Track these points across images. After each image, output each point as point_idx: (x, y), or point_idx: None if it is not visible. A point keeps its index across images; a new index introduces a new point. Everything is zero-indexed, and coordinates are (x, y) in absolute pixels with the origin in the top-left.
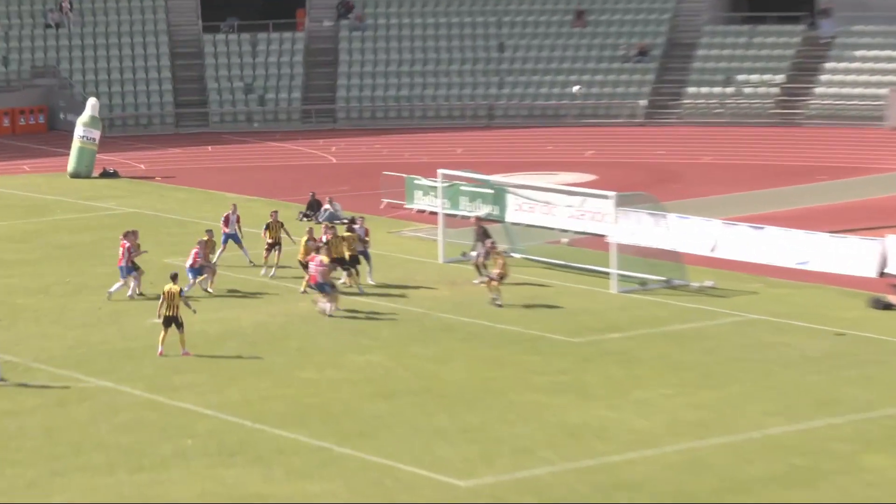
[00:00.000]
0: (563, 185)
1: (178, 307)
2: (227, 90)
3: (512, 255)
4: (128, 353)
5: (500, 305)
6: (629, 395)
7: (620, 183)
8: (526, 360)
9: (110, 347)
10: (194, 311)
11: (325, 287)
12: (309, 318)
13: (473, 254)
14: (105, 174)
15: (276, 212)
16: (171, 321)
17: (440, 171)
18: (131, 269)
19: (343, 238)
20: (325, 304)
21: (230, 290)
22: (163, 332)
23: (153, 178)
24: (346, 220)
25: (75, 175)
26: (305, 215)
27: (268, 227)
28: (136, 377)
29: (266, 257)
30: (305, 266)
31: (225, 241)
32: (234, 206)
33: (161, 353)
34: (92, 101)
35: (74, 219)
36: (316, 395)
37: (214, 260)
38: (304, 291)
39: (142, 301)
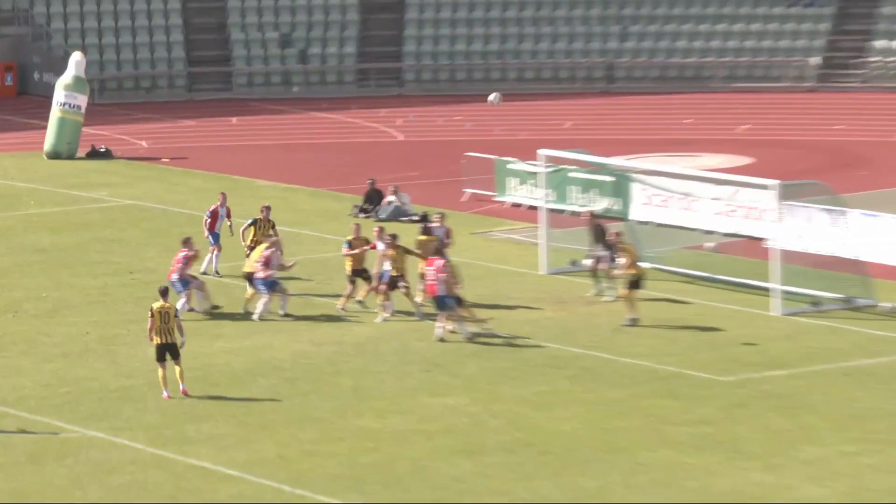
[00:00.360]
0: (708, 170)
1: (172, 331)
2: (257, 43)
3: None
4: (125, 394)
5: (633, 321)
6: (796, 452)
7: (784, 168)
8: (658, 406)
9: (101, 385)
10: (181, 344)
11: (447, 302)
12: (366, 348)
13: (588, 262)
14: (94, 154)
15: (267, 207)
16: (166, 350)
17: (542, 152)
18: (187, 281)
19: (421, 243)
20: (442, 326)
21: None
22: (161, 370)
23: (158, 159)
24: (416, 217)
25: (54, 155)
26: (362, 210)
27: (254, 223)
28: (136, 425)
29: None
30: (355, 278)
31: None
32: (224, 195)
33: (168, 397)
34: (76, 57)
35: (53, 213)
36: (376, 451)
37: (202, 269)
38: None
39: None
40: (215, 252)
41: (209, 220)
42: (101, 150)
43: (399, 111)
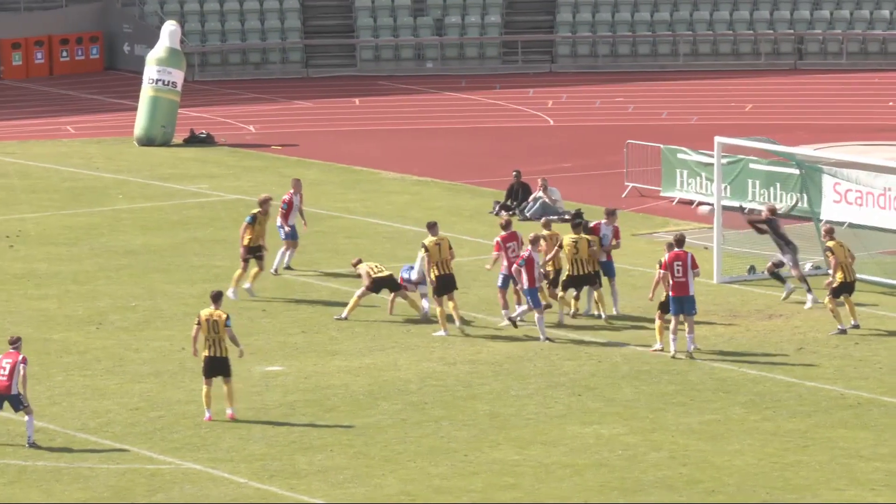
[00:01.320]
0: None
1: (223, 343)
2: (386, 10)
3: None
4: (225, 419)
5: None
6: None
7: None
8: (847, 438)
9: (198, 410)
10: (241, 354)
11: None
12: (505, 368)
13: (786, 259)
14: (193, 139)
15: (268, 199)
16: (216, 366)
17: (718, 140)
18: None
19: (587, 241)
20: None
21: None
22: (205, 387)
23: (269, 146)
24: (567, 216)
25: (147, 141)
26: (504, 207)
27: (254, 220)
28: (238, 456)
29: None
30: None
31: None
32: (298, 182)
33: (210, 419)
34: (171, 27)
35: (145, 210)
36: (516, 488)
37: (273, 268)
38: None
39: (266, 333)
40: (289, 249)
41: (284, 211)
42: (202, 135)
43: (551, 91)
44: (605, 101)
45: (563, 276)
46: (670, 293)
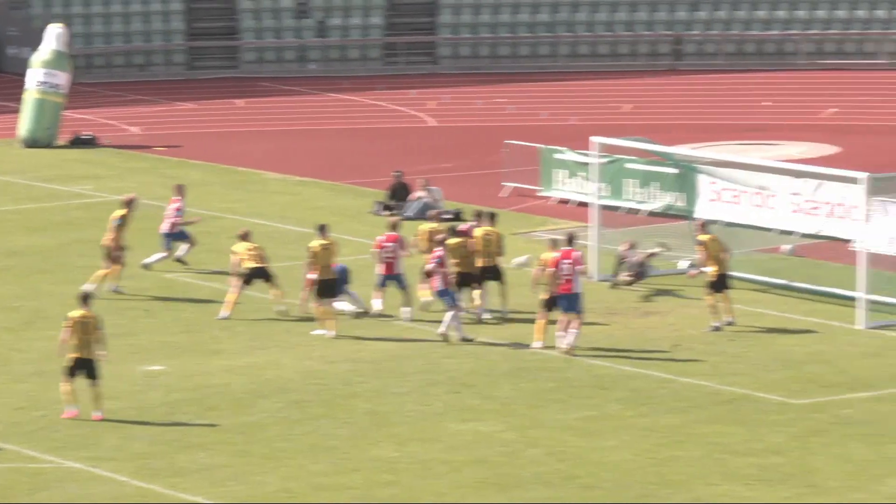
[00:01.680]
0: (787, 161)
1: (91, 345)
2: (269, 12)
3: (704, 270)
4: (108, 418)
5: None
6: (879, 487)
7: (876, 159)
8: (721, 433)
9: (80, 409)
10: (103, 356)
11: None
12: (385, 366)
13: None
14: (77, 141)
15: (131, 199)
16: (82, 367)
17: (595, 140)
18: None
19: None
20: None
21: (260, 318)
22: (68, 384)
23: (152, 147)
24: (448, 216)
25: (31, 143)
26: (387, 207)
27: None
28: (120, 455)
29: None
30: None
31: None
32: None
33: (76, 414)
34: (57, 29)
35: (28, 211)
36: (395, 484)
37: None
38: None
39: (148, 333)
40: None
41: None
42: (86, 136)
43: (431, 92)
44: (485, 102)
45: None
46: (557, 291)
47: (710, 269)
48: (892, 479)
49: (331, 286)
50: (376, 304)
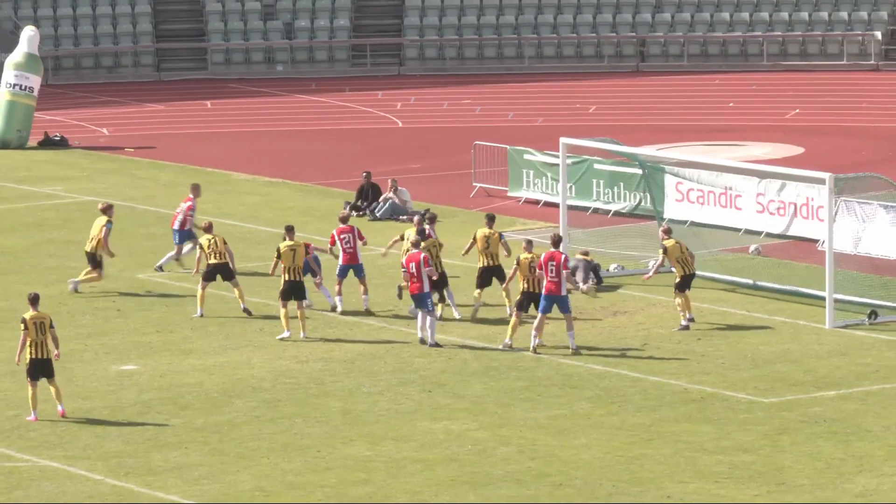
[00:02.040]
0: (753, 162)
1: (46, 345)
2: (236, 14)
3: (672, 270)
4: (82, 418)
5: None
6: (847, 484)
7: (840, 159)
8: (691, 431)
9: (55, 409)
10: (56, 355)
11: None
12: (357, 365)
13: (613, 268)
14: (48, 142)
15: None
16: (41, 368)
17: (563, 141)
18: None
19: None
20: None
21: (235, 316)
22: (31, 389)
23: (122, 148)
24: (417, 215)
25: (2, 144)
26: (355, 207)
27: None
28: (94, 454)
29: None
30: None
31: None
32: (197, 186)
33: (35, 419)
34: (28, 32)
35: None
36: (368, 483)
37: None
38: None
39: (121, 333)
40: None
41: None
42: (56, 138)
43: (399, 93)
44: (452, 103)
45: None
46: (543, 292)
47: (676, 271)
48: (860, 476)
49: (297, 288)
50: (339, 302)
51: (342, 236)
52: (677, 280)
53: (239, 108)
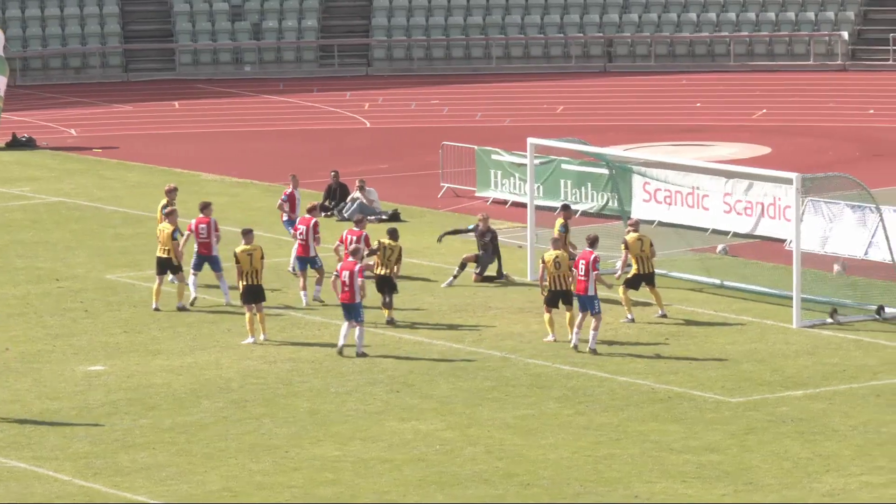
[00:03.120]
0: (720, 162)
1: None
2: (204, 15)
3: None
4: (50, 419)
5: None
6: (815, 484)
7: (808, 159)
8: (658, 431)
9: (22, 409)
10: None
11: (355, 312)
12: (325, 366)
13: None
14: (15, 143)
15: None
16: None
17: (531, 141)
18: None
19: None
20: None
21: (198, 313)
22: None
23: (90, 149)
24: (385, 216)
25: None
26: (323, 207)
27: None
28: (62, 455)
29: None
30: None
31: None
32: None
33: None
34: None
35: None
36: (336, 483)
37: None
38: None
39: (89, 334)
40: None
41: (285, 203)
42: (24, 139)
43: (367, 94)
44: (420, 104)
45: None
46: (575, 291)
47: (633, 267)
48: (828, 476)
49: (256, 291)
50: (303, 297)
51: (300, 227)
52: (629, 276)
53: (207, 109)
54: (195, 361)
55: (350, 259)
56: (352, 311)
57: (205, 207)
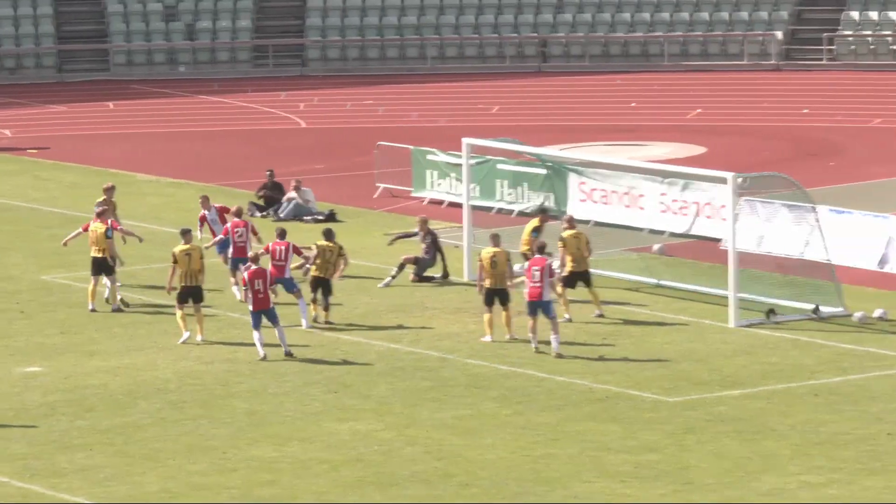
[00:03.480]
0: (654, 161)
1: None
2: (138, 16)
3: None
4: None
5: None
6: (754, 483)
7: (742, 159)
8: (597, 431)
9: None
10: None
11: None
12: (262, 367)
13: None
14: None
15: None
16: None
17: (466, 141)
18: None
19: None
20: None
21: (129, 310)
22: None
23: (24, 150)
24: (320, 217)
25: None
26: (259, 207)
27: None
28: (1, 456)
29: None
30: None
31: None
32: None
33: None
34: None
35: None
36: (274, 484)
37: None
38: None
39: (25, 334)
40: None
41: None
42: None
43: (301, 94)
44: (355, 104)
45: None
46: (527, 298)
47: (568, 265)
48: (766, 475)
49: (194, 291)
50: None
51: (236, 230)
52: (564, 274)
53: (141, 109)
54: (132, 362)
55: (254, 266)
56: (269, 315)
57: (239, 213)
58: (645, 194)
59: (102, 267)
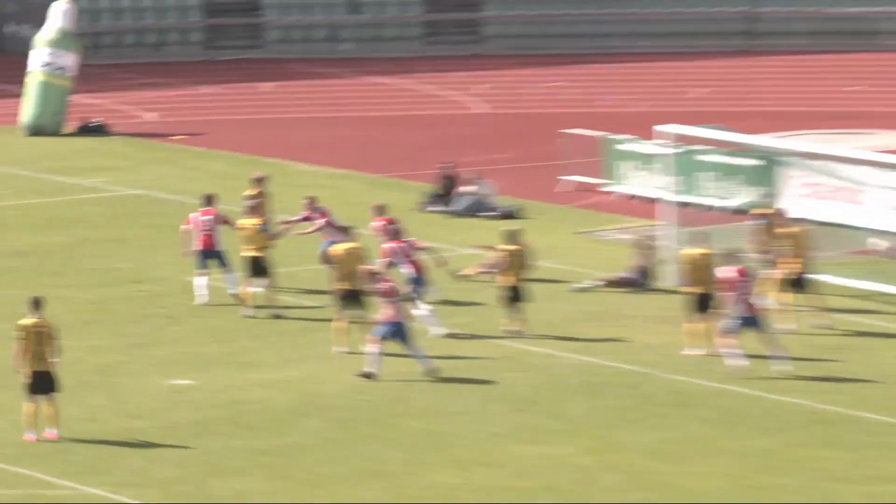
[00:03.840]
0: (882, 152)
1: (47, 356)
2: None
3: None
4: (131, 439)
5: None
6: None
7: None
8: (822, 458)
9: (100, 429)
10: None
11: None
12: (440, 382)
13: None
14: (86, 129)
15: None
16: (43, 383)
17: (664, 129)
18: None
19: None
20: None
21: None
22: (29, 406)
23: (170, 136)
24: (502, 211)
25: (35, 130)
26: (436, 200)
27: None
28: (145, 480)
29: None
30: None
31: None
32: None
33: (34, 440)
34: (62, 5)
35: (34, 206)
36: None
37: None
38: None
39: (173, 343)
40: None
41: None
42: (95, 124)
43: (478, 75)
44: (538, 87)
45: None
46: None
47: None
48: None
49: (356, 297)
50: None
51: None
52: (781, 277)
53: (299, 92)
54: (293, 375)
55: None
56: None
57: (209, 201)
58: (871, 188)
59: (258, 268)
